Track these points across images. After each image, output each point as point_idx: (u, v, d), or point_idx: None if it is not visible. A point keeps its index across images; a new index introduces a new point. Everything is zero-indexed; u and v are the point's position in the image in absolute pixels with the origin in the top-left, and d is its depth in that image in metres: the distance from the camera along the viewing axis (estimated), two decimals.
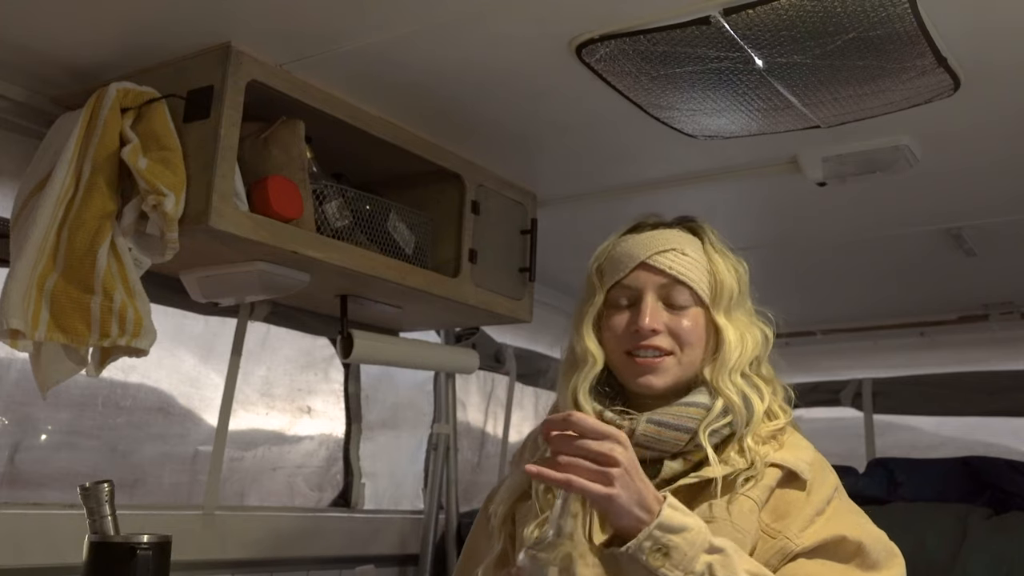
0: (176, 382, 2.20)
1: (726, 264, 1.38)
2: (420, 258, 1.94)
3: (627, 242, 1.39)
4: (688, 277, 1.34)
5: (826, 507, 1.28)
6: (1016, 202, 2.11)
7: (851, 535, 1.25)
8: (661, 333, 1.33)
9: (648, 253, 1.35)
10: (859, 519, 1.31)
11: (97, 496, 1.47)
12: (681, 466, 1.29)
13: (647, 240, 1.38)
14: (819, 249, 2.54)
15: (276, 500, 2.44)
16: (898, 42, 1.43)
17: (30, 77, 1.68)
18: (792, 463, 1.28)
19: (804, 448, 1.34)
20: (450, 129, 1.88)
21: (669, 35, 1.44)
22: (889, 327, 3.15)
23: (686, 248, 1.37)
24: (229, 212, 1.52)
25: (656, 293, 1.34)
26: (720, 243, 1.41)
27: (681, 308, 1.34)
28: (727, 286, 1.36)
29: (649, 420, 1.28)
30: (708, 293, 1.35)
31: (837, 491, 1.31)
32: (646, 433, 1.27)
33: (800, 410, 1.45)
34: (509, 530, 1.39)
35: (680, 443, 1.28)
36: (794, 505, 1.27)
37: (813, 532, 1.24)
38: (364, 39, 1.53)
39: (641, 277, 1.35)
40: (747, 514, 1.24)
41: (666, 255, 1.35)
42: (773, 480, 1.27)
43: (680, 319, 1.34)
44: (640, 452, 1.26)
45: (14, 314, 1.43)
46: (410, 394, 2.85)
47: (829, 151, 1.88)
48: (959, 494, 2.84)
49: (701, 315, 1.35)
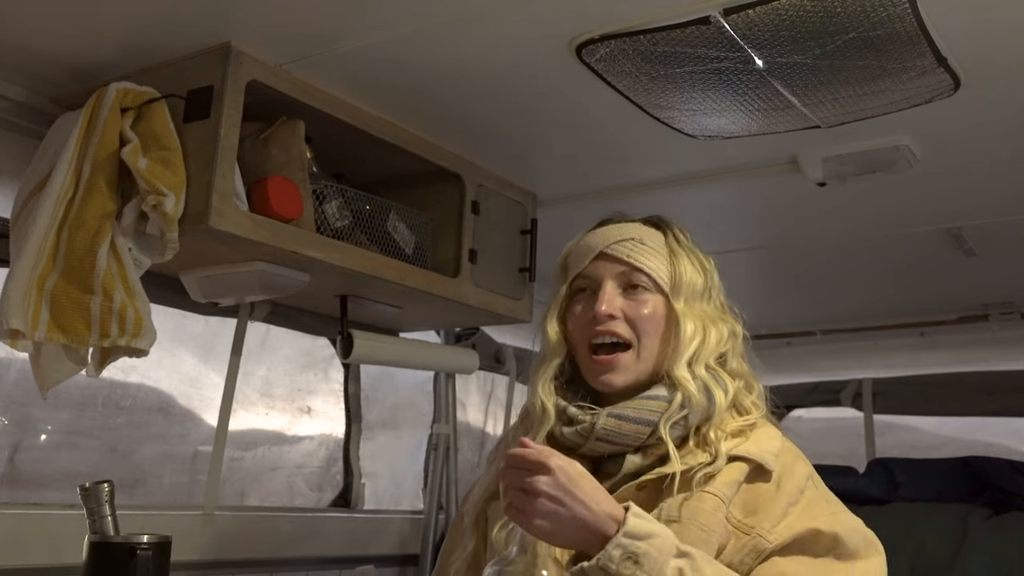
0: (176, 382, 2.20)
1: (689, 258, 1.38)
2: (420, 258, 1.94)
3: (589, 235, 1.42)
4: (646, 264, 1.35)
5: (800, 497, 1.26)
6: (1016, 202, 2.11)
7: (825, 527, 1.23)
8: (618, 319, 1.33)
9: (607, 243, 1.37)
10: (834, 508, 1.29)
11: (97, 496, 1.47)
12: (644, 460, 1.29)
13: (607, 231, 1.40)
14: (819, 249, 2.53)
15: (276, 500, 2.44)
16: (898, 42, 1.43)
17: (30, 77, 1.68)
18: (756, 455, 1.27)
19: (771, 439, 1.31)
20: (450, 129, 1.88)
21: (669, 35, 1.44)
22: (889, 327, 3.15)
23: (645, 238, 1.38)
24: (229, 212, 1.52)
25: (615, 281, 1.36)
26: (686, 240, 1.42)
27: (639, 295, 1.35)
28: (688, 278, 1.36)
29: (609, 414, 1.29)
30: (667, 281, 1.36)
31: (810, 480, 1.30)
32: (606, 427, 1.28)
33: (800, 410, 1.46)
34: (482, 529, 1.40)
35: (641, 436, 1.28)
36: (764, 499, 1.25)
37: (786, 527, 1.23)
38: (364, 39, 1.53)
39: (600, 266, 1.37)
40: (711, 512, 1.23)
41: (624, 244, 1.37)
42: (740, 475, 1.26)
43: (638, 306, 1.34)
44: (602, 446, 1.29)
45: (14, 314, 1.43)
46: (410, 394, 2.85)
47: (829, 151, 1.88)
48: (959, 494, 2.85)
49: (661, 303, 1.35)
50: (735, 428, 1.31)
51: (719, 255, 1.96)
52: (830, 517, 1.26)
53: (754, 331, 1.46)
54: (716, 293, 1.41)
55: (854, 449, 3.31)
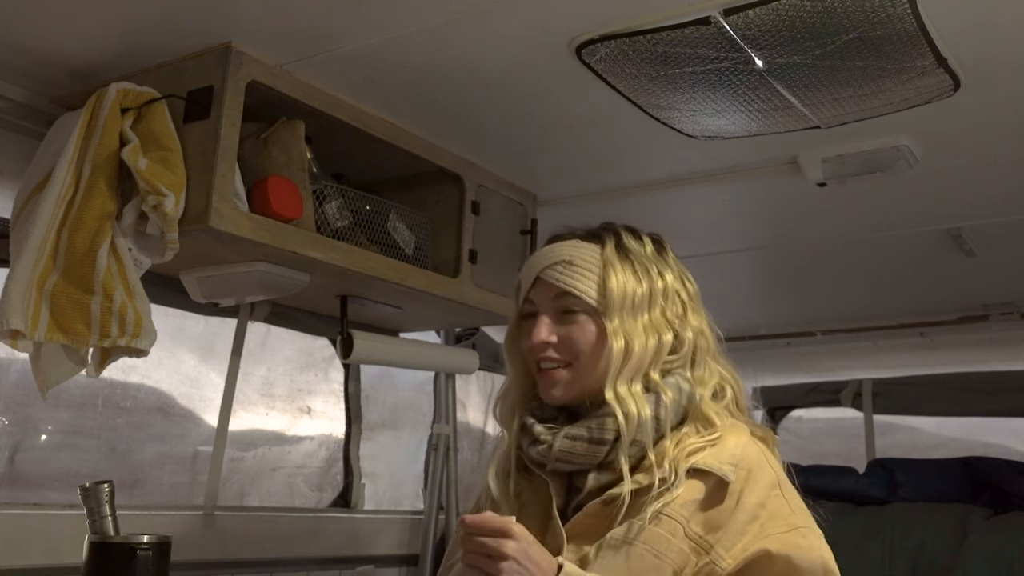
0: (176, 382, 2.20)
1: (624, 268, 1.35)
2: (420, 258, 1.94)
3: (532, 258, 1.42)
4: (575, 287, 1.34)
5: (760, 512, 1.24)
6: (1016, 202, 2.11)
7: (776, 549, 1.21)
8: (553, 345, 1.34)
9: (541, 267, 1.37)
10: (796, 521, 1.25)
11: (97, 496, 1.47)
12: (605, 477, 1.29)
13: (543, 254, 1.40)
14: (819, 249, 2.53)
15: (276, 500, 2.44)
16: (898, 42, 1.43)
17: (30, 77, 1.68)
18: (715, 467, 1.25)
19: (733, 447, 1.28)
20: (450, 129, 1.88)
21: (669, 35, 1.44)
22: (889, 327, 3.15)
23: (576, 258, 1.35)
24: (229, 212, 1.52)
25: (549, 306, 1.36)
26: (635, 247, 1.37)
27: (572, 319, 1.34)
28: (619, 292, 1.32)
29: (566, 435, 1.30)
30: (596, 300, 1.33)
31: (776, 488, 1.27)
32: (562, 448, 1.29)
33: (800, 410, 1.45)
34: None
35: (598, 455, 1.28)
36: (724, 514, 1.24)
37: (741, 548, 1.21)
38: (364, 39, 1.53)
39: (538, 292, 1.38)
40: (666, 537, 1.22)
41: (555, 268, 1.36)
42: (699, 493, 1.25)
43: (572, 328, 1.34)
44: (563, 465, 1.31)
45: (14, 314, 1.43)
46: (410, 394, 2.85)
47: (829, 151, 1.88)
48: (959, 494, 2.85)
49: (590, 322, 1.34)
50: (696, 446, 1.28)
51: (719, 255, 1.98)
52: (786, 536, 1.22)
53: (754, 331, 1.46)
54: (670, 298, 1.37)
55: (854, 449, 3.31)
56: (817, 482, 2.88)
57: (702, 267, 1.54)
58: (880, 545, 2.75)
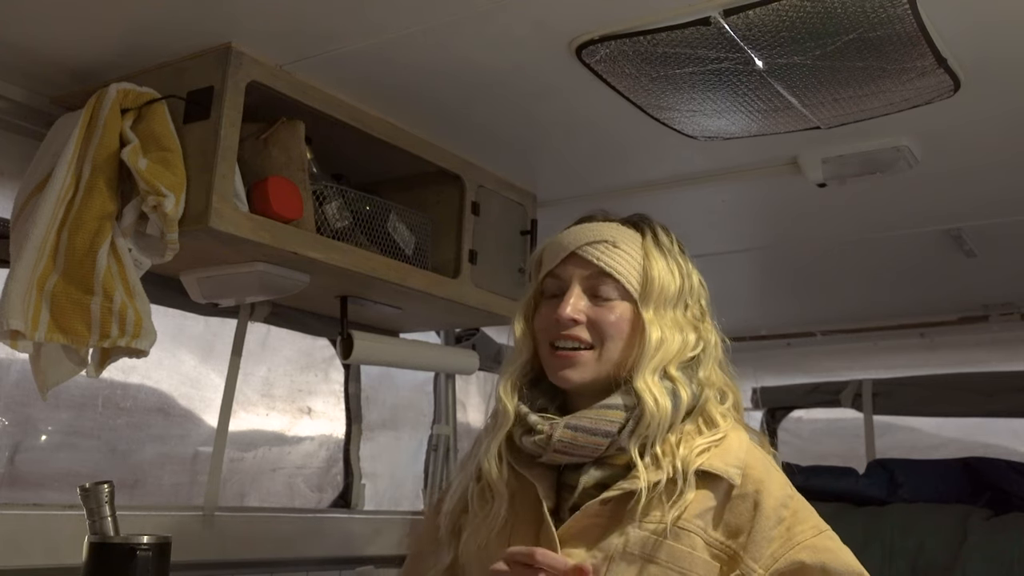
0: (176, 383, 2.20)
1: (666, 263, 1.33)
2: (420, 259, 1.94)
3: (564, 234, 1.38)
4: (615, 269, 1.30)
5: (784, 514, 1.23)
6: (1016, 202, 2.11)
7: (810, 560, 1.20)
8: (581, 324, 1.30)
9: (578, 244, 1.33)
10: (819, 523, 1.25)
11: (97, 497, 1.47)
12: (604, 472, 1.25)
13: (581, 231, 1.35)
14: (819, 249, 2.54)
15: (276, 501, 2.44)
16: (898, 43, 1.43)
17: (30, 77, 1.68)
18: (721, 469, 1.24)
19: (737, 449, 1.27)
20: (450, 129, 1.88)
21: (669, 36, 1.44)
22: (889, 328, 3.16)
23: (619, 241, 1.33)
24: (229, 213, 1.52)
25: (582, 284, 1.32)
26: (668, 241, 1.36)
27: (606, 301, 1.31)
28: (659, 283, 1.30)
29: (567, 426, 1.25)
30: (637, 287, 1.31)
31: (790, 487, 1.27)
32: (562, 439, 1.24)
33: (800, 411, 1.44)
34: (456, 542, 1.37)
35: (599, 448, 1.25)
36: (743, 519, 1.22)
37: (771, 556, 1.20)
38: (364, 40, 1.53)
39: (569, 268, 1.33)
40: (688, 552, 1.20)
41: (596, 246, 1.32)
42: (712, 501, 1.23)
43: (603, 311, 1.30)
44: (560, 457, 1.26)
45: (14, 315, 1.43)
46: (410, 395, 2.85)
47: (829, 152, 1.88)
48: (959, 495, 2.85)
49: (628, 309, 1.31)
50: (702, 446, 1.26)
51: (719, 256, 1.98)
52: (815, 541, 1.22)
53: (754, 331, 1.46)
54: (695, 299, 1.36)
55: (854, 450, 3.31)
56: (817, 482, 2.88)
57: (702, 267, 1.53)
58: (880, 546, 2.75)
